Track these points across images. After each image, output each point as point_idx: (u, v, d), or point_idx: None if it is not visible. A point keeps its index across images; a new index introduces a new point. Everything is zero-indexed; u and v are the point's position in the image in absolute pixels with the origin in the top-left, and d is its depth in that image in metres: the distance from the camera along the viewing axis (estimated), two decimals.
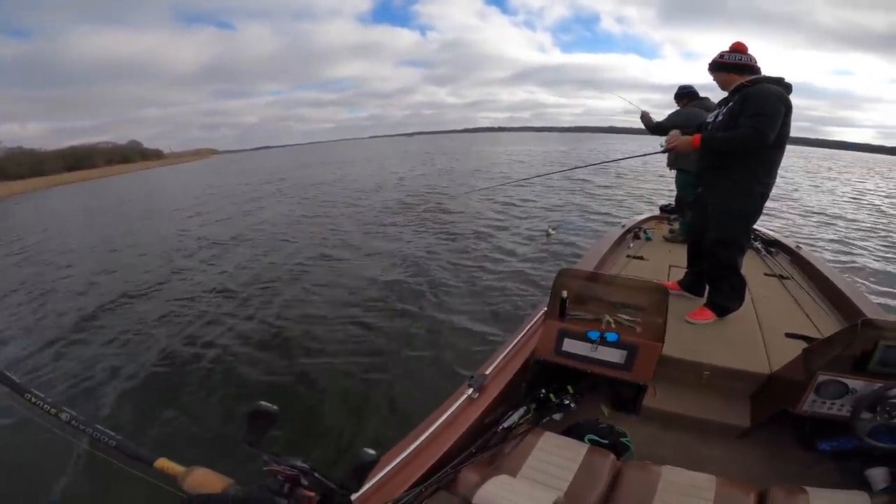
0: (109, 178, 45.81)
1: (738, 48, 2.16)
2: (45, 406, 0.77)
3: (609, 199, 11.46)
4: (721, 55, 2.18)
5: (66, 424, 0.75)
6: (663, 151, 2.54)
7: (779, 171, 2.24)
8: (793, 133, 2.14)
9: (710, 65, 2.23)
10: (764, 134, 2.00)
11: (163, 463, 0.70)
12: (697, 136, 2.24)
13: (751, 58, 2.15)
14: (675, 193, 4.22)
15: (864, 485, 1.44)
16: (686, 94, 3.53)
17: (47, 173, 54.00)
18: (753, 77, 2.13)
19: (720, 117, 2.21)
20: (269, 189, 18.03)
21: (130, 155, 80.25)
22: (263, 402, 0.67)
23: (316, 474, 0.66)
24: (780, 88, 2.05)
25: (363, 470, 0.67)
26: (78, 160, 65.74)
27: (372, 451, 0.68)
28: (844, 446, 1.61)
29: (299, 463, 0.67)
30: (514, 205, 10.42)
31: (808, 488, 1.23)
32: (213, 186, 21.79)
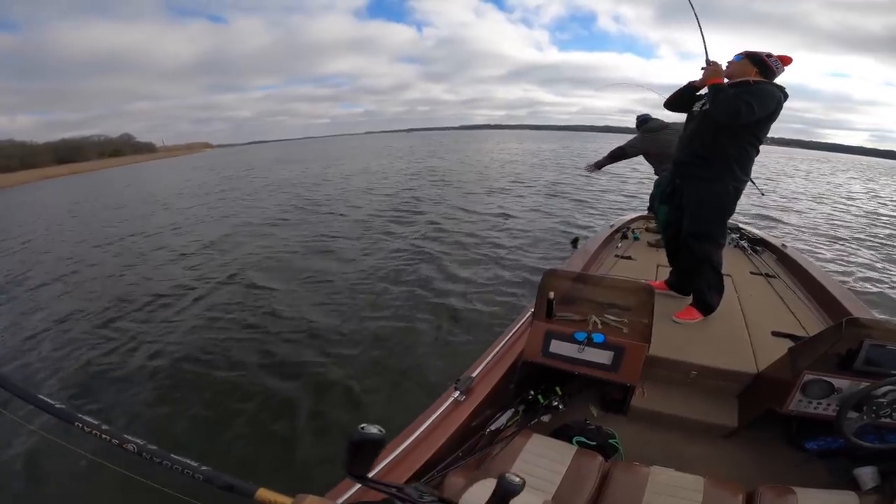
0: (99, 171, 45.12)
1: (786, 61, 2.15)
2: (104, 436, 0.66)
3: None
4: (768, 55, 2.14)
5: (136, 456, 0.65)
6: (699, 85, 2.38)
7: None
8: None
9: (747, 53, 2.17)
10: (750, 108, 2.02)
11: (265, 494, 0.61)
12: (720, 79, 2.19)
13: (783, 71, 2.16)
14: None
15: (852, 484, 1.45)
16: (643, 122, 3.89)
17: (38, 166, 53.40)
18: (760, 79, 2.14)
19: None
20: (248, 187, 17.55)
21: (122, 148, 79.57)
22: (366, 426, 0.60)
23: None
24: (779, 91, 2.09)
25: (367, 449, 0.61)
26: (69, 153, 65.11)
27: (375, 430, 0.61)
28: (831, 445, 1.62)
29: (429, 497, 0.61)
30: (509, 216, 9.32)
31: (796, 488, 1.23)
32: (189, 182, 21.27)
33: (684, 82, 2.42)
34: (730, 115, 2.08)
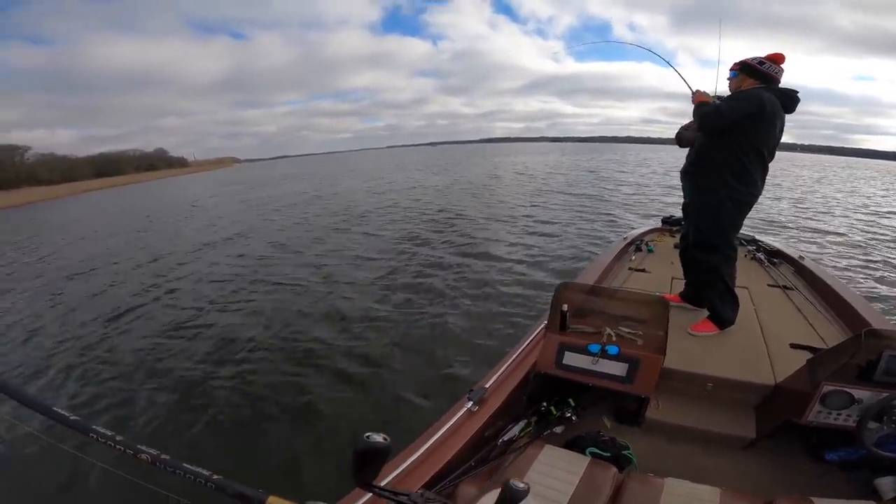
0: (135, 185, 47.21)
1: (778, 59, 2.10)
2: (118, 446, 0.68)
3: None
4: (760, 62, 2.10)
5: (151, 466, 0.67)
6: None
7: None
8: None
9: (742, 65, 2.15)
10: (717, 111, 2.05)
11: (275, 501, 0.62)
12: (704, 98, 2.27)
13: (781, 71, 2.11)
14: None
15: (872, 494, 1.44)
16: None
17: (77, 179, 55.95)
18: (753, 87, 2.12)
19: None
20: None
21: (156, 162, 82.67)
22: (371, 434, 0.62)
23: None
24: (771, 94, 2.04)
25: (373, 457, 0.63)
26: (107, 166, 68.07)
27: (380, 438, 0.62)
28: (852, 456, 1.60)
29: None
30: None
31: (815, 499, 1.22)
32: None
33: (707, 89, 2.47)
34: (701, 122, 2.16)
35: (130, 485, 0.83)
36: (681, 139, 2.65)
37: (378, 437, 0.62)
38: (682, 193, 4.28)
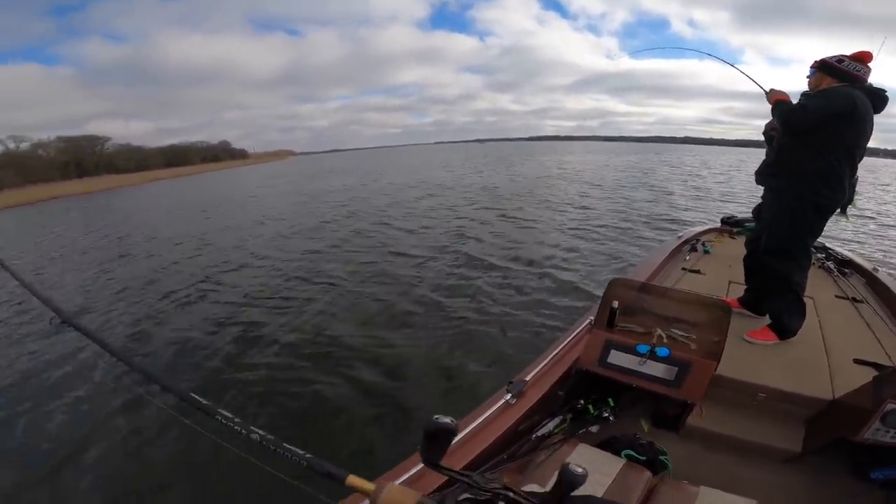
0: (199, 175, 50.60)
1: (864, 57, 1.99)
2: (236, 427, 0.80)
3: None
4: (840, 59, 2.01)
5: (259, 445, 0.78)
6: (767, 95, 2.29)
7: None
8: None
9: (821, 63, 2.07)
10: (802, 108, 1.95)
11: (353, 480, 0.69)
12: (781, 97, 2.15)
13: (866, 70, 2.00)
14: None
15: None
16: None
17: (149, 168, 60.72)
18: (837, 85, 2.03)
19: None
20: None
21: (220, 154, 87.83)
22: (440, 417, 0.66)
23: (512, 493, 0.65)
24: (860, 92, 1.94)
25: (440, 438, 0.66)
26: (176, 157, 73.43)
27: (448, 420, 0.66)
28: None
29: (495, 485, 0.66)
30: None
31: None
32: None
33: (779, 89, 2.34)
34: (784, 121, 2.05)
35: (240, 461, 0.94)
36: (771, 139, 2.50)
37: (446, 419, 0.65)
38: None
